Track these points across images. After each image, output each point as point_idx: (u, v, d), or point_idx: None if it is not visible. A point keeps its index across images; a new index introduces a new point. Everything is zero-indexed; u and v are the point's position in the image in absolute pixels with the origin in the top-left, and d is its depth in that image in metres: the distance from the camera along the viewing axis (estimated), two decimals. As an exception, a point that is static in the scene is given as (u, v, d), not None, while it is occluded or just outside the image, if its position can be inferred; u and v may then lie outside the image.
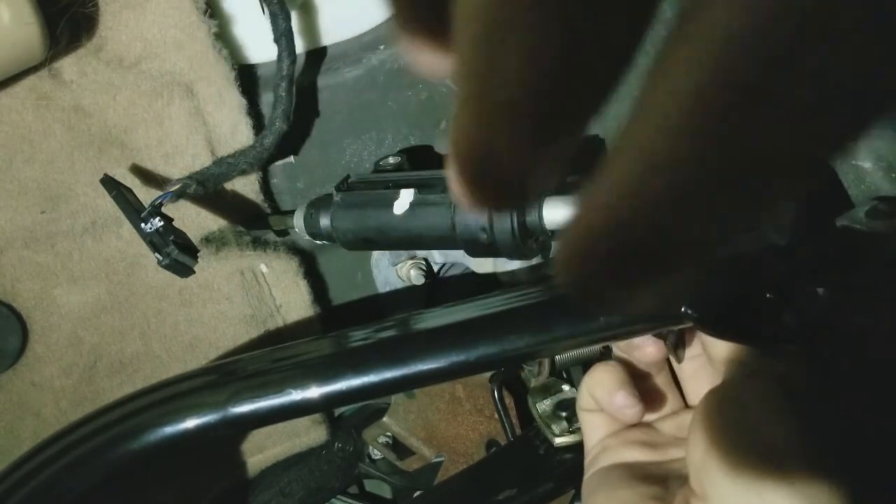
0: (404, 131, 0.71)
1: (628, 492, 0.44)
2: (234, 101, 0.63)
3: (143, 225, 0.54)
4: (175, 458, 0.69)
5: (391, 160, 0.64)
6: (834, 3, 0.11)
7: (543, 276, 0.62)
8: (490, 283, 0.65)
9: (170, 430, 0.45)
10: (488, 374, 0.72)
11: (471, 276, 0.69)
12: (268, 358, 0.48)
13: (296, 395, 0.43)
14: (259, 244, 0.70)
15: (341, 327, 0.53)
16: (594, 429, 0.50)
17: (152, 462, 0.46)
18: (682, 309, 0.41)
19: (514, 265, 0.62)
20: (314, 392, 0.43)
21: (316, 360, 0.45)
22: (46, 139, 0.60)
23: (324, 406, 0.44)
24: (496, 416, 0.72)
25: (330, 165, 0.71)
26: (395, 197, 0.57)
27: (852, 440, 0.38)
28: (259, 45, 0.63)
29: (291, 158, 0.69)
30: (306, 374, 0.44)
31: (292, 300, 0.73)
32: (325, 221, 0.60)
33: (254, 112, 0.65)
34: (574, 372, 0.77)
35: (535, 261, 0.59)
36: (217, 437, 0.45)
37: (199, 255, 0.56)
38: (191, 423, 0.44)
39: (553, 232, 0.55)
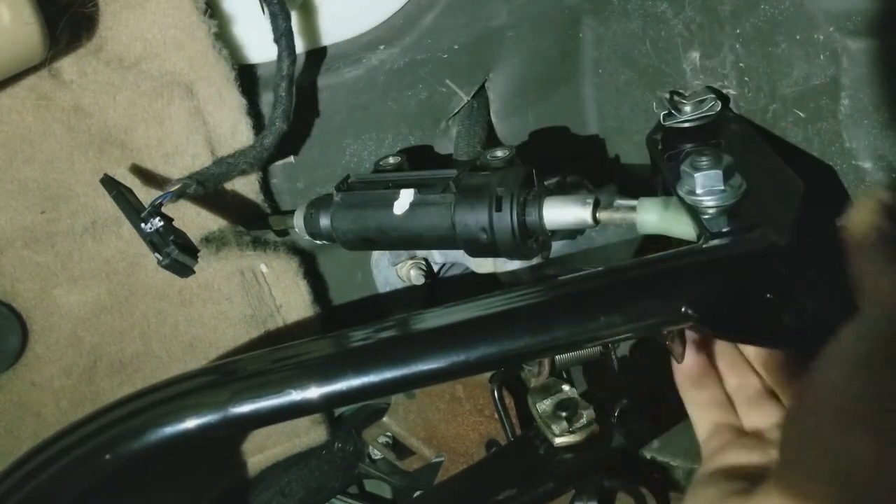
0: (404, 131, 0.71)
1: (713, 489, 0.44)
2: (234, 101, 0.63)
3: (143, 225, 0.54)
4: (176, 459, 0.69)
5: (391, 160, 0.64)
6: None
7: (544, 276, 0.62)
8: (490, 283, 0.65)
9: (170, 430, 0.45)
10: (488, 375, 0.72)
11: (471, 276, 0.69)
12: (268, 358, 0.48)
13: (296, 396, 0.43)
14: (259, 244, 0.70)
15: (341, 327, 0.53)
16: (701, 411, 0.51)
17: (153, 462, 0.46)
18: (682, 309, 0.41)
19: (515, 265, 0.62)
20: (314, 392, 0.43)
21: (316, 361, 0.45)
22: (46, 139, 0.60)
23: (324, 406, 0.44)
24: (496, 416, 0.72)
25: (330, 165, 0.71)
26: (395, 197, 0.57)
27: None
28: (259, 45, 0.63)
29: (291, 158, 0.69)
30: (306, 374, 0.44)
31: (292, 300, 0.73)
32: (325, 221, 0.60)
33: (254, 112, 0.65)
34: (574, 372, 0.77)
35: (535, 261, 0.59)
36: (218, 438, 0.45)
37: (199, 255, 0.56)
38: (191, 423, 0.44)
39: (553, 232, 0.55)
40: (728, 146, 0.54)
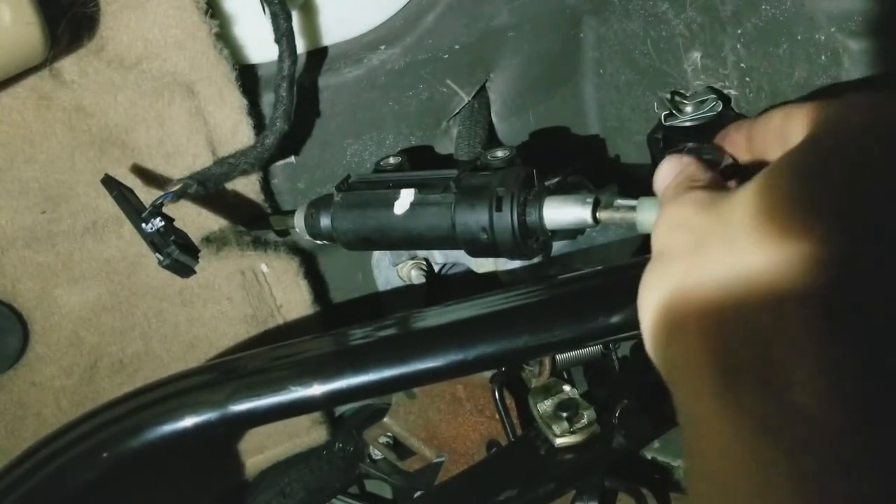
0: (405, 131, 0.71)
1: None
2: (235, 101, 0.63)
3: (143, 225, 0.54)
4: (175, 457, 0.69)
5: (391, 160, 0.64)
6: None
7: (544, 275, 0.62)
8: (491, 283, 0.65)
9: (168, 428, 0.45)
10: (489, 375, 0.72)
11: (471, 276, 0.69)
12: (267, 356, 0.48)
13: (295, 394, 0.43)
14: (260, 244, 0.70)
15: (342, 327, 0.53)
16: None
17: (153, 460, 0.46)
18: None
19: (515, 264, 0.62)
20: (313, 390, 0.43)
21: (315, 359, 0.45)
22: (47, 139, 0.60)
23: (323, 404, 0.44)
24: (497, 416, 0.72)
25: (331, 165, 0.71)
26: (396, 197, 0.57)
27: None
28: (260, 45, 0.63)
29: (292, 158, 0.69)
30: (305, 372, 0.44)
31: (293, 300, 0.73)
32: (325, 221, 0.60)
33: (255, 112, 0.65)
34: (575, 372, 0.77)
35: (535, 260, 0.59)
36: (216, 436, 0.45)
37: (199, 255, 0.56)
38: (189, 421, 0.45)
39: (553, 232, 0.55)
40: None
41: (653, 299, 0.36)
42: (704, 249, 0.34)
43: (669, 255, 0.36)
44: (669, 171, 0.42)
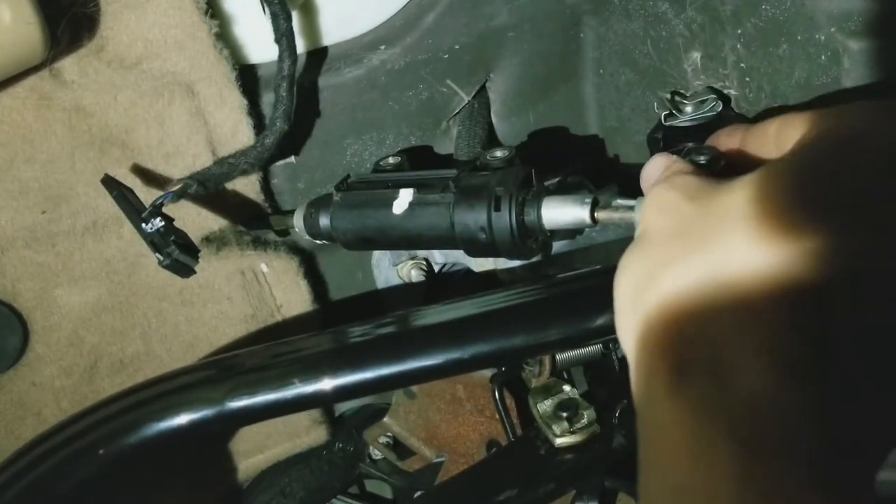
0: (405, 131, 0.71)
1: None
2: (235, 101, 0.63)
3: (143, 225, 0.54)
4: (175, 458, 0.69)
5: (391, 160, 0.64)
6: None
7: (543, 274, 0.62)
8: (490, 283, 0.65)
9: (166, 425, 0.45)
10: (489, 375, 0.72)
11: (471, 276, 0.69)
12: (265, 353, 0.48)
13: (293, 391, 0.43)
14: (260, 244, 0.70)
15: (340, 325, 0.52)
16: None
17: (151, 459, 0.46)
18: None
19: (514, 263, 0.62)
20: (311, 387, 0.43)
21: (313, 356, 0.45)
22: (47, 139, 0.60)
23: (320, 401, 0.44)
24: (497, 416, 0.72)
25: (330, 165, 0.71)
26: (395, 197, 0.57)
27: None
28: (260, 45, 0.63)
29: (292, 158, 0.69)
30: (303, 369, 0.44)
31: (293, 300, 0.73)
32: (324, 221, 0.60)
33: (255, 112, 0.65)
34: (575, 372, 0.77)
35: (535, 259, 0.59)
36: (214, 433, 0.45)
37: (199, 254, 0.57)
38: (187, 418, 0.45)
39: (552, 232, 0.55)
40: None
41: (626, 281, 0.36)
42: (686, 238, 0.34)
43: (651, 238, 0.36)
44: (657, 167, 0.42)
